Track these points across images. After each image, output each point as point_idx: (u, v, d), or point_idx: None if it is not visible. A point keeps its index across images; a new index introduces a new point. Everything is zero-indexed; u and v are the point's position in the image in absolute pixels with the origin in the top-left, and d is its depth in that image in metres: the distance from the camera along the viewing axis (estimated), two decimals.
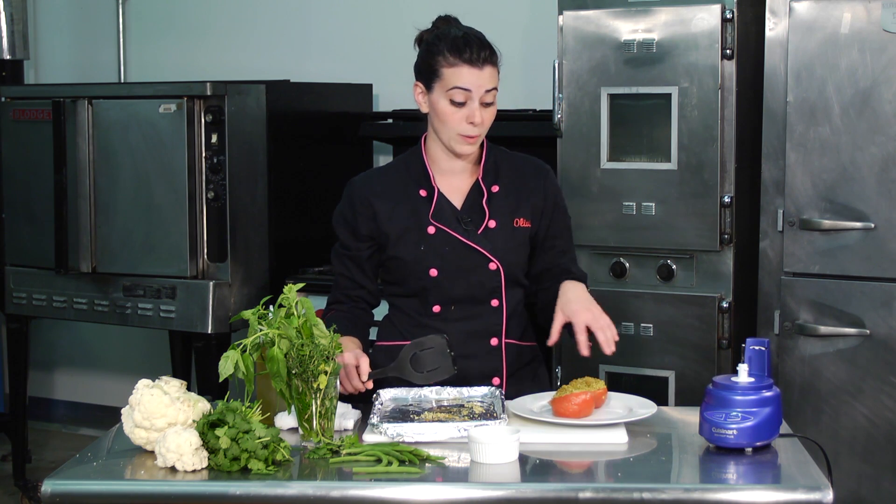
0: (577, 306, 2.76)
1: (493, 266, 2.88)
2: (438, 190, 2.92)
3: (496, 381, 2.90)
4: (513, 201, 2.93)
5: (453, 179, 2.95)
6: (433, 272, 2.89)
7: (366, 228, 2.94)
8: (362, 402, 2.74)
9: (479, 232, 2.90)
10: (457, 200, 2.93)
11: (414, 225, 2.90)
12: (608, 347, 2.71)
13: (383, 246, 2.94)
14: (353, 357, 2.69)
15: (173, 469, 2.33)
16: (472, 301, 2.90)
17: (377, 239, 2.94)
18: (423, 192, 2.92)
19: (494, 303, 2.91)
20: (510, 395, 2.73)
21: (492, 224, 2.90)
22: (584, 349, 2.72)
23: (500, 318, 2.92)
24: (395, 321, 2.99)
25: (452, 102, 2.83)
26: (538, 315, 2.98)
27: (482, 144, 2.97)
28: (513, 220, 2.92)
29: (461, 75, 2.82)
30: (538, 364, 3.05)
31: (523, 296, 2.99)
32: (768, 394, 2.42)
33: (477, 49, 2.82)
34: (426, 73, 2.88)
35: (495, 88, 2.85)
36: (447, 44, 2.84)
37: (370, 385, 2.68)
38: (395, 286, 2.98)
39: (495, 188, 2.93)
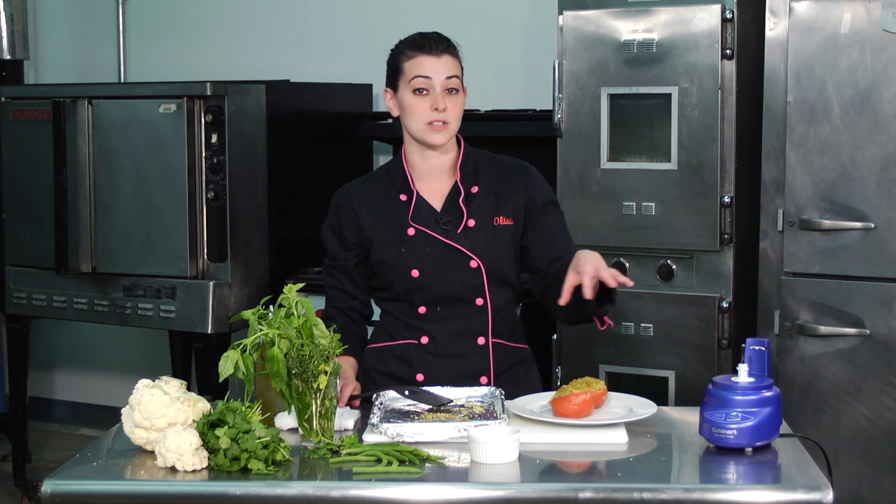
0: (586, 261, 2.68)
1: (473, 264, 2.90)
2: (417, 193, 2.96)
3: (483, 380, 2.91)
4: (493, 200, 2.95)
5: (432, 183, 2.98)
6: (415, 273, 2.90)
7: (351, 236, 2.97)
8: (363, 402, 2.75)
9: (459, 231, 2.92)
10: (436, 202, 2.96)
11: (395, 228, 2.94)
12: (612, 281, 2.63)
13: (369, 252, 2.96)
14: (342, 380, 2.73)
15: (173, 469, 2.33)
16: (456, 300, 2.92)
17: (363, 246, 2.97)
18: (403, 197, 2.96)
19: (479, 301, 2.92)
20: None
21: (471, 223, 2.92)
22: (588, 292, 2.63)
23: (485, 316, 2.93)
24: (384, 324, 3.02)
25: (416, 92, 2.90)
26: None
27: (460, 146, 2.99)
28: (493, 218, 2.94)
29: (419, 64, 2.90)
30: (529, 366, 3.04)
31: (512, 296, 2.99)
32: (768, 394, 2.42)
33: (434, 41, 2.92)
34: (391, 75, 2.98)
35: (457, 76, 2.91)
36: (406, 43, 2.96)
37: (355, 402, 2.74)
38: (382, 291, 3.00)
39: (475, 189, 2.96)
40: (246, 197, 4.52)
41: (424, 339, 2.93)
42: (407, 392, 2.65)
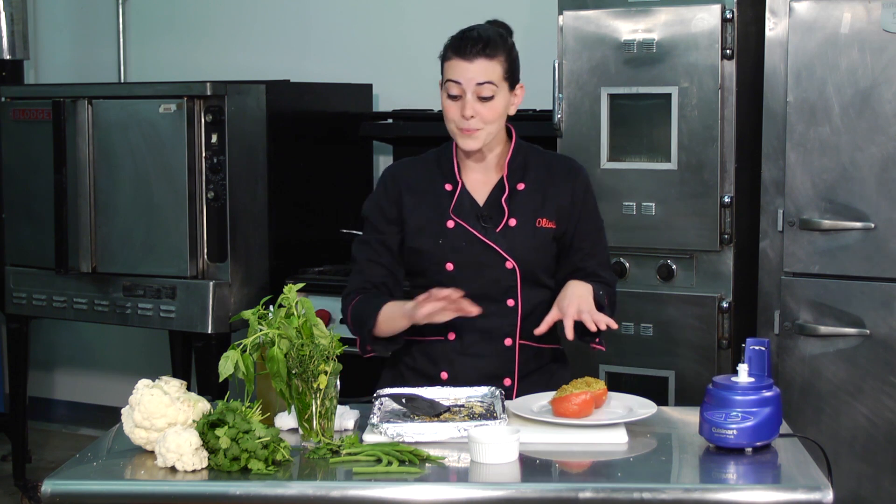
0: (570, 302, 2.75)
1: (509, 265, 2.88)
2: (463, 185, 2.92)
3: (507, 381, 2.90)
4: (537, 200, 2.91)
5: (479, 175, 2.94)
6: (449, 266, 2.88)
7: (393, 213, 2.94)
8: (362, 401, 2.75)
9: (498, 230, 2.89)
10: (480, 197, 2.93)
11: (435, 218, 2.90)
12: (592, 325, 2.72)
13: (405, 236, 2.93)
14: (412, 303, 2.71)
15: (173, 469, 2.33)
16: (487, 299, 2.87)
17: (401, 227, 2.93)
18: (448, 186, 2.93)
19: (510, 302, 2.90)
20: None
21: (512, 223, 2.89)
22: (569, 333, 2.73)
23: (514, 318, 2.90)
24: None
25: (449, 96, 2.86)
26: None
27: (512, 140, 2.96)
28: (535, 219, 2.90)
29: (453, 68, 2.85)
30: (559, 366, 3.02)
31: (549, 297, 2.92)
32: (768, 394, 2.42)
33: (471, 43, 2.84)
34: (441, 73, 2.92)
35: (490, 83, 2.83)
36: (452, 39, 2.90)
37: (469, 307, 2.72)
38: (413, 278, 2.97)
39: (521, 186, 2.91)
40: (246, 197, 4.52)
41: (451, 336, 2.91)
42: (404, 400, 2.64)
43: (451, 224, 2.89)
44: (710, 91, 3.79)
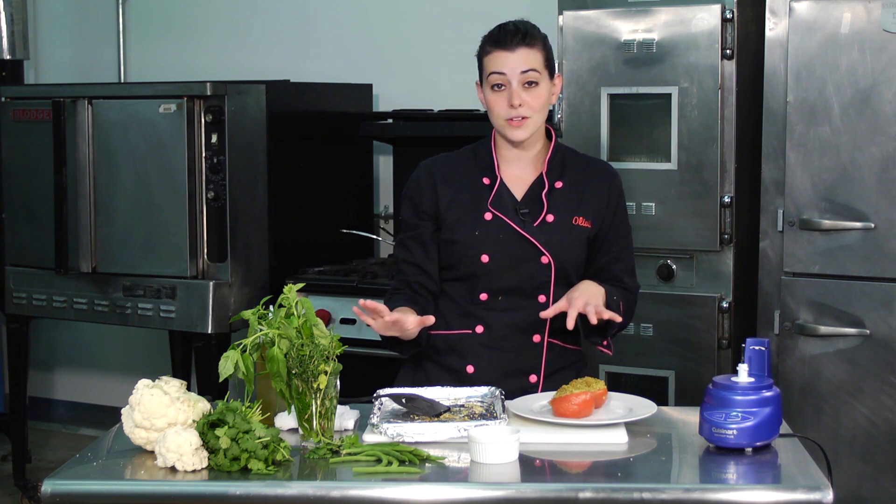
0: (580, 294, 2.79)
1: (545, 260, 2.89)
2: (501, 179, 2.94)
3: (533, 378, 2.91)
4: (575, 199, 2.93)
5: (517, 170, 2.96)
6: (485, 258, 2.89)
7: (428, 207, 2.94)
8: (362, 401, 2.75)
9: (536, 224, 2.90)
10: (518, 191, 2.94)
11: (472, 210, 2.91)
12: (593, 317, 2.73)
13: (440, 229, 2.94)
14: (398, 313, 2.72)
15: (173, 469, 2.33)
16: (519, 293, 2.90)
17: (437, 220, 2.94)
18: (486, 180, 2.94)
19: (542, 298, 2.90)
20: None
21: (549, 218, 2.90)
22: (570, 322, 2.74)
23: None
24: (442, 310, 2.97)
25: (493, 89, 2.88)
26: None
27: (551, 139, 2.97)
28: (572, 217, 2.92)
29: (494, 60, 2.87)
30: (581, 367, 3.02)
31: None
32: (768, 394, 2.42)
33: (510, 34, 2.88)
34: (479, 70, 2.94)
35: (534, 70, 2.86)
36: (487, 37, 2.93)
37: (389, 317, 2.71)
38: (446, 270, 2.97)
39: (559, 184, 2.93)
40: (246, 197, 4.52)
41: (479, 329, 2.92)
42: (404, 400, 2.64)
43: (488, 216, 2.90)
44: (710, 91, 3.79)
